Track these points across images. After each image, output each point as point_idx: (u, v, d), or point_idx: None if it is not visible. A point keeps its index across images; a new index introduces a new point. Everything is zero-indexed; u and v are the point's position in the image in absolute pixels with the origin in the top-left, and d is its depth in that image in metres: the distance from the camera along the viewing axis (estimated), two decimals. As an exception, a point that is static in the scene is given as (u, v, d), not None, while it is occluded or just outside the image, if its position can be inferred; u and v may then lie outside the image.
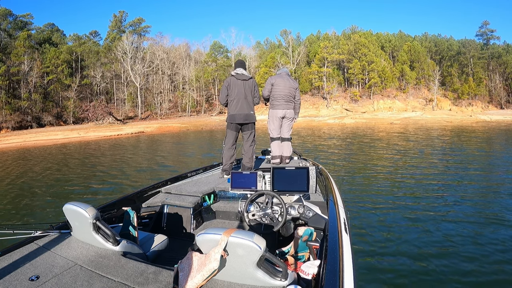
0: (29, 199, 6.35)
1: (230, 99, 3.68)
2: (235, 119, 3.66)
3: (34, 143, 20.69)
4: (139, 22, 52.25)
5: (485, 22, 49.85)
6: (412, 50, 46.50)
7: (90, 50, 46.26)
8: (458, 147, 12.33)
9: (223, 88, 3.74)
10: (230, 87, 3.67)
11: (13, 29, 41.36)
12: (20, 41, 37.74)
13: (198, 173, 3.73)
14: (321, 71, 42.85)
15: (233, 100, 3.66)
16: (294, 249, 1.82)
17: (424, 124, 27.10)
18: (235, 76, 3.69)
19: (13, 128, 31.96)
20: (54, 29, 51.07)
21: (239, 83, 3.67)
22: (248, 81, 3.73)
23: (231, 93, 3.66)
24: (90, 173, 9.10)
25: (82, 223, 1.67)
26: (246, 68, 3.87)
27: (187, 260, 1.35)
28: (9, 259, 1.56)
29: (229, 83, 3.68)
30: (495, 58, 47.24)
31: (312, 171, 2.32)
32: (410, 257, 3.26)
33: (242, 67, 3.78)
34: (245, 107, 3.69)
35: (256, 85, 3.81)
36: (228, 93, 3.68)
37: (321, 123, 30.93)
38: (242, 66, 3.80)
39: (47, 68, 39.18)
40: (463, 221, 4.20)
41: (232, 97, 3.66)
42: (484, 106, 42.93)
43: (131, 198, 2.70)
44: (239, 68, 3.75)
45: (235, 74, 3.71)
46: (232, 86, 3.66)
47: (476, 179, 6.71)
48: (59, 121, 37.87)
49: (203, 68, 47.65)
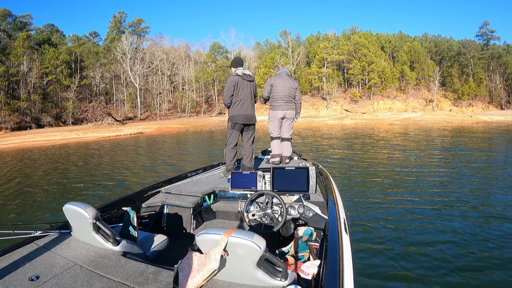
0: (28, 199, 6.35)
1: (236, 99, 3.59)
2: (242, 120, 3.61)
3: (33, 144, 20.67)
4: (139, 22, 52.39)
5: (485, 23, 49.97)
6: (412, 50, 46.58)
7: (89, 50, 46.33)
8: (459, 147, 12.33)
9: (228, 87, 3.59)
10: (238, 87, 3.58)
11: (12, 30, 41.44)
12: (20, 41, 37.82)
13: (198, 173, 3.72)
14: (320, 71, 42.89)
15: (240, 101, 3.59)
16: (294, 249, 1.82)
17: (424, 125, 27.09)
18: (241, 77, 3.61)
19: (12, 129, 31.98)
20: (54, 29, 51.16)
21: (245, 84, 3.62)
22: (253, 82, 3.71)
23: (238, 93, 3.58)
24: (89, 173, 9.09)
25: (82, 223, 1.67)
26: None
27: (187, 260, 1.35)
28: (9, 259, 1.56)
29: (236, 82, 3.57)
30: (495, 59, 47.22)
31: (312, 171, 2.32)
32: (410, 257, 3.26)
33: (243, 66, 3.74)
34: (250, 108, 3.67)
35: (256, 86, 3.82)
36: (234, 93, 3.59)
37: (320, 124, 30.95)
38: (242, 64, 3.76)
39: (46, 69, 39.24)
40: (464, 221, 4.20)
41: (239, 98, 3.58)
42: (484, 106, 42.98)
43: (131, 198, 2.70)
44: (242, 68, 3.70)
45: (241, 75, 3.62)
46: (240, 86, 3.58)
47: (477, 179, 6.70)
48: (58, 122, 37.91)
49: (202, 68, 47.67)
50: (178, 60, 48.46)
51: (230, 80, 3.60)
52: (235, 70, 3.68)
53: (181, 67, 47.70)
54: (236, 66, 3.73)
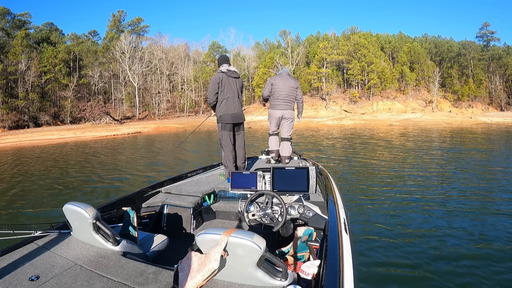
0: (28, 199, 6.33)
1: (221, 97, 3.45)
2: (230, 119, 3.48)
3: (30, 143, 20.59)
4: (138, 21, 52.26)
5: (485, 24, 50.09)
6: (412, 51, 46.54)
7: (88, 49, 46.12)
8: (460, 148, 12.35)
9: (213, 85, 3.44)
10: (222, 85, 3.44)
11: (11, 28, 41.29)
12: (18, 40, 37.64)
13: (198, 173, 3.72)
14: (320, 71, 42.88)
15: (226, 99, 3.46)
16: (294, 249, 1.83)
17: (424, 126, 27.08)
18: (226, 73, 3.46)
19: (9, 128, 31.81)
20: (53, 28, 50.91)
21: (231, 81, 3.48)
22: (239, 79, 3.60)
23: (223, 91, 3.45)
24: (88, 173, 9.08)
25: (82, 223, 1.67)
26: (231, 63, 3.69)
27: (187, 260, 1.35)
28: (9, 259, 1.55)
29: (221, 80, 3.43)
30: (495, 60, 47.25)
31: (312, 171, 2.32)
32: (410, 256, 3.26)
33: (228, 62, 3.59)
34: (238, 106, 3.54)
35: (243, 83, 3.72)
36: (219, 91, 3.45)
37: (319, 124, 30.94)
38: (228, 61, 3.61)
39: (45, 68, 39.02)
40: (464, 221, 4.21)
41: (225, 96, 3.45)
42: (484, 108, 43.04)
43: (131, 198, 2.70)
44: (226, 64, 3.55)
45: (226, 71, 3.47)
46: (225, 83, 3.45)
47: (478, 180, 6.69)
48: (56, 121, 37.70)
49: (201, 68, 47.60)
50: (177, 59, 48.37)
51: (214, 78, 3.47)
52: (220, 67, 3.56)
53: (180, 67, 47.62)
54: (221, 63, 3.60)
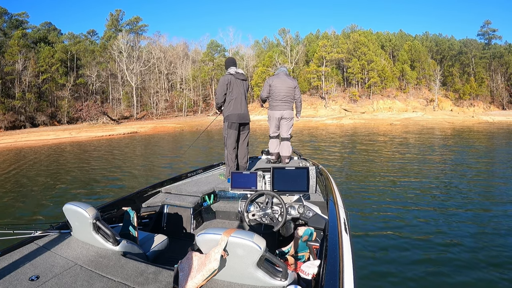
0: (27, 199, 6.33)
1: (229, 98, 3.63)
2: (237, 119, 3.64)
3: (25, 143, 20.51)
4: (136, 21, 52.06)
5: (486, 22, 49.95)
6: (412, 49, 46.24)
7: (85, 49, 45.81)
8: (461, 148, 12.31)
9: (222, 86, 3.62)
10: (231, 86, 3.62)
11: (8, 28, 41.17)
12: (15, 40, 37.39)
13: (198, 173, 3.73)
14: (319, 70, 42.64)
15: (234, 100, 3.62)
16: (294, 249, 1.83)
17: (425, 125, 26.90)
18: (234, 75, 3.65)
19: (6, 128, 31.62)
20: (51, 28, 50.70)
21: (238, 83, 3.67)
22: (246, 82, 3.76)
23: (232, 92, 3.62)
24: (86, 173, 9.08)
25: (82, 223, 1.67)
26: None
27: (187, 260, 1.35)
28: (9, 259, 1.56)
29: (230, 81, 3.61)
30: (497, 58, 46.94)
31: (312, 171, 2.32)
32: (410, 256, 3.27)
33: (235, 65, 3.79)
34: (244, 107, 3.72)
35: (248, 86, 3.89)
36: (227, 92, 3.63)
37: (318, 124, 30.82)
38: (235, 64, 3.80)
39: (42, 67, 38.76)
40: (464, 221, 4.21)
41: (232, 96, 3.62)
42: (485, 106, 42.86)
43: (131, 198, 2.70)
44: (234, 67, 3.74)
45: (234, 73, 3.66)
46: (233, 85, 3.62)
47: (479, 180, 6.66)
48: (53, 121, 37.45)
49: (200, 67, 47.41)
50: (176, 58, 48.19)
51: (223, 79, 3.64)
52: (228, 70, 3.74)
53: (179, 66, 47.46)
54: (229, 66, 3.78)
